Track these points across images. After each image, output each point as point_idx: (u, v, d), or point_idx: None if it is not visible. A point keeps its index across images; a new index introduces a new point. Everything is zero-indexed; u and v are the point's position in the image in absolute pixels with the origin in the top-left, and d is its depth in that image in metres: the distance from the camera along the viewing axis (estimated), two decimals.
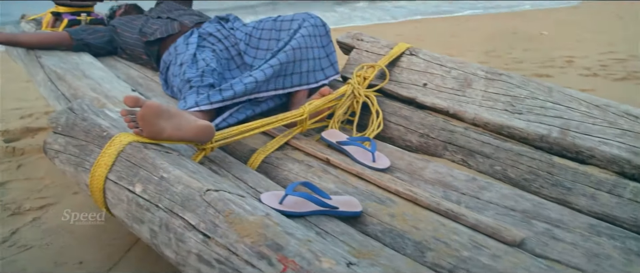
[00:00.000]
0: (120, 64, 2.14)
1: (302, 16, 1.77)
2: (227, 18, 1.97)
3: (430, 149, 1.61)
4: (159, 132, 1.12)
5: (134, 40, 2.08)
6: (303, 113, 1.48)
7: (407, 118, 1.69)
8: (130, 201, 1.05)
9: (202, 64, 1.64)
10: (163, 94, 1.84)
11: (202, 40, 1.84)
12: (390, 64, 1.83)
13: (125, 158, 1.10)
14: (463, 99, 1.65)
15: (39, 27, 2.52)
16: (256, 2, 10.35)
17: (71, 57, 2.01)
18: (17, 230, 1.73)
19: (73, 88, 1.73)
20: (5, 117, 3.11)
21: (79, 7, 2.43)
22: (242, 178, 1.25)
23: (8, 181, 2.14)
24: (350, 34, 2.01)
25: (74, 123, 1.26)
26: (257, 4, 10.40)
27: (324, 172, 1.36)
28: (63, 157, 1.25)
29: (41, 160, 2.36)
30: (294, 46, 1.64)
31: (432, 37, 6.11)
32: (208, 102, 1.44)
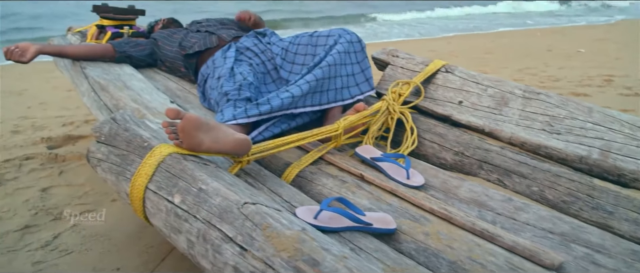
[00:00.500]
0: (160, 76, 2.20)
1: (338, 32, 1.79)
2: (264, 33, 2.01)
3: (465, 168, 1.59)
4: (198, 144, 1.14)
5: (174, 53, 2.13)
6: (338, 128, 1.49)
7: (442, 136, 1.68)
8: (168, 211, 1.07)
9: (239, 77, 1.68)
10: (200, 106, 1.88)
11: (239, 54, 1.87)
12: (426, 81, 1.83)
13: (165, 168, 1.12)
14: (499, 117, 1.63)
15: (84, 39, 2.62)
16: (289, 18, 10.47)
17: (113, 68, 2.08)
18: (58, 235, 1.79)
19: (115, 99, 1.78)
20: (48, 124, 3.23)
21: (122, 20, 2.52)
22: (277, 192, 1.26)
23: (50, 186, 2.22)
24: (385, 50, 2.02)
25: (116, 133, 1.29)
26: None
27: (357, 188, 1.36)
28: (105, 166, 1.29)
29: (82, 167, 2.44)
30: (330, 62, 1.66)
31: (465, 53, 6.06)
32: (245, 115, 1.47)
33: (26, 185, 2.24)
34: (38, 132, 3.07)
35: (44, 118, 3.43)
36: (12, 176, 2.35)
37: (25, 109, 3.73)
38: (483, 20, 10.32)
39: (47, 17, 10.26)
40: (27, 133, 3.05)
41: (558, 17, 11.26)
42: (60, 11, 10.76)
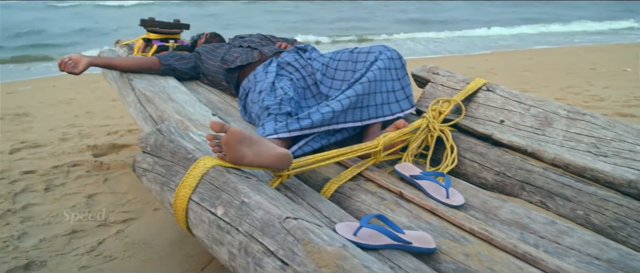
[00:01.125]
0: (202, 89, 2.26)
1: (378, 49, 1.80)
2: (305, 48, 2.04)
3: (506, 189, 1.56)
4: (240, 157, 1.17)
5: (216, 67, 2.19)
6: (377, 145, 1.49)
7: (483, 155, 1.65)
8: (211, 222, 1.09)
9: (280, 92, 1.70)
10: (241, 119, 1.92)
11: (280, 69, 1.91)
12: (466, 99, 1.81)
13: (209, 180, 1.15)
14: (542, 138, 1.60)
15: (130, 51, 2.72)
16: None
17: (159, 80, 2.15)
18: (103, 241, 1.85)
19: (160, 110, 1.84)
20: (94, 133, 3.36)
21: (167, 34, 2.60)
22: (317, 207, 1.27)
23: (96, 193, 2.30)
24: (425, 67, 2.02)
25: (161, 144, 1.33)
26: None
27: (397, 205, 1.35)
28: (150, 176, 1.33)
29: (125, 176, 2.52)
30: (371, 78, 1.67)
31: (504, 71, 5.95)
32: (286, 130, 1.49)
33: (73, 191, 2.33)
34: (84, 140, 3.19)
35: (90, 127, 3.56)
36: (60, 182, 2.45)
37: (73, 118, 3.89)
38: (522, 39, 10.12)
39: (89, 32, 10.70)
40: (74, 141, 3.18)
41: (602, 35, 10.95)
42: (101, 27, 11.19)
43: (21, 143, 3.15)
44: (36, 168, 2.66)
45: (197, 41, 2.62)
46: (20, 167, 2.68)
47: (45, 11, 13.58)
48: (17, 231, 1.93)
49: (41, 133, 3.42)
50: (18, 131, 3.51)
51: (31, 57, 7.95)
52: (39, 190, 2.35)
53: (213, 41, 2.56)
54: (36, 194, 2.31)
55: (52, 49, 8.45)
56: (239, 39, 2.34)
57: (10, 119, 3.87)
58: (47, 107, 4.34)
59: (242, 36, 2.38)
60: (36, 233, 1.93)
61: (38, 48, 8.45)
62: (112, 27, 10.44)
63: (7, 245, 1.83)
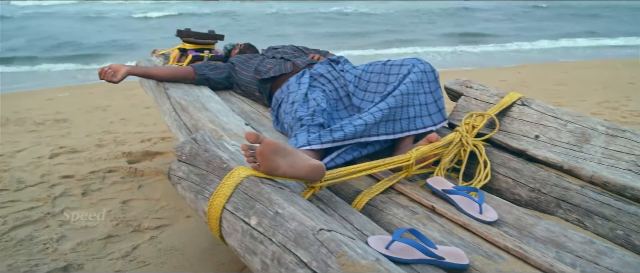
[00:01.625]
0: (235, 99, 2.30)
1: (411, 62, 1.80)
2: (338, 60, 2.05)
3: (541, 206, 1.53)
4: (275, 168, 1.18)
5: (249, 78, 2.23)
6: (409, 158, 1.48)
7: (517, 171, 1.63)
8: (244, 232, 1.11)
9: (312, 103, 1.72)
10: (273, 129, 1.94)
11: (313, 80, 1.93)
12: (500, 113, 1.79)
13: (243, 190, 1.17)
14: (580, 154, 1.56)
15: (166, 61, 2.78)
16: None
17: (193, 90, 2.19)
18: (137, 246, 1.89)
19: (194, 119, 1.88)
20: (128, 140, 3.45)
21: (202, 44, 2.66)
22: (348, 219, 1.27)
23: (130, 199, 2.36)
24: (458, 81, 2.00)
25: (196, 153, 1.36)
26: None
27: (428, 220, 1.35)
28: (185, 184, 1.35)
29: (158, 182, 2.57)
30: (403, 91, 1.67)
31: (537, 84, 5.84)
32: (319, 141, 1.50)
33: (109, 196, 2.39)
34: (119, 146, 3.27)
35: (125, 134, 3.65)
36: (96, 187, 2.52)
37: (108, 124, 4.00)
38: (554, 53, 9.92)
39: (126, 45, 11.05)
40: (110, 147, 3.27)
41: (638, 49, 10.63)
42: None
43: (60, 148, 3.25)
44: (74, 173, 2.74)
45: (231, 51, 2.67)
46: (59, 171, 2.77)
47: (77, 22, 14.13)
48: (56, 234, 2.00)
49: (78, 139, 3.53)
50: (57, 136, 3.63)
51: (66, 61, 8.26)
52: (77, 194, 2.43)
53: (247, 51, 2.60)
54: (74, 198, 2.39)
55: (88, 58, 8.77)
56: (272, 50, 2.38)
57: (50, 125, 4.01)
58: (84, 113, 4.47)
59: (276, 47, 2.42)
60: (74, 236, 2.00)
61: (73, 58, 8.78)
62: (136, 39, 10.76)
63: (47, 247, 1.90)
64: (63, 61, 8.52)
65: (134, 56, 8.56)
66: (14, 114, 4.42)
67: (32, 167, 2.89)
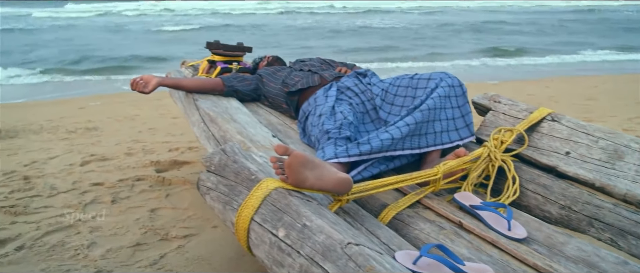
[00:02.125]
0: (262, 110, 2.33)
1: (439, 76, 1.80)
2: (365, 73, 2.06)
3: (572, 224, 1.50)
4: (302, 180, 1.19)
5: (277, 90, 2.25)
6: (437, 172, 1.48)
7: (547, 187, 1.60)
8: (272, 244, 1.12)
9: (340, 116, 1.73)
10: (300, 141, 1.95)
11: (340, 93, 1.94)
12: (529, 128, 1.77)
13: (271, 202, 1.18)
14: (612, 172, 1.53)
15: (195, 72, 2.84)
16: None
17: (222, 101, 2.23)
18: (164, 255, 1.93)
19: (222, 130, 1.91)
20: (156, 149, 3.51)
21: (231, 56, 2.70)
22: (375, 233, 1.27)
23: (158, 208, 2.40)
24: (486, 95, 1.99)
25: (225, 164, 1.38)
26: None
27: (456, 235, 1.33)
28: (213, 194, 1.37)
29: (185, 192, 2.61)
30: (430, 106, 1.67)
31: (566, 99, 5.73)
32: (346, 155, 1.51)
33: (137, 205, 2.44)
34: (148, 155, 3.34)
35: (153, 143, 3.73)
36: (125, 195, 2.57)
37: (137, 133, 4.09)
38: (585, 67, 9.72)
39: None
40: (138, 156, 3.34)
41: None
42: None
43: (91, 156, 3.34)
44: (104, 181, 2.81)
45: (259, 63, 2.71)
46: (90, 179, 2.84)
47: (102, 34, 14.63)
48: (86, 240, 2.05)
49: (108, 147, 3.62)
50: (88, 144, 3.73)
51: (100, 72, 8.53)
52: (106, 202, 2.48)
53: (275, 64, 2.64)
54: (104, 205, 2.44)
55: (116, 68, 9.07)
56: (300, 63, 2.40)
57: (82, 133, 4.12)
58: (114, 122, 4.58)
59: (303, 60, 2.44)
60: (103, 243, 2.04)
61: (102, 69, 9.08)
62: (160, 51, 11.07)
63: (78, 253, 1.94)
64: (92, 71, 8.80)
65: (159, 68, 8.81)
66: (48, 122, 4.56)
67: (64, 174, 2.97)
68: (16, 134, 4.10)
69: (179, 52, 10.45)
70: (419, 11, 23.46)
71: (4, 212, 2.37)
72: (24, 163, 3.22)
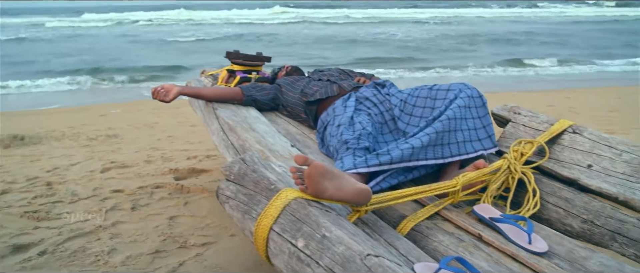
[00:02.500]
0: (281, 120, 2.34)
1: (458, 86, 1.79)
2: (384, 84, 2.07)
3: (594, 238, 1.48)
4: (322, 191, 1.20)
5: (296, 99, 2.27)
6: (456, 184, 1.47)
7: (568, 201, 1.58)
8: (291, 254, 1.12)
9: (358, 127, 1.73)
10: (319, 151, 1.96)
11: (359, 103, 1.94)
12: (550, 141, 1.75)
13: (290, 212, 1.18)
14: (637, 186, 1.50)
15: (215, 81, 2.87)
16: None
17: (241, 110, 2.25)
18: (183, 263, 1.94)
19: (241, 139, 1.92)
20: (175, 157, 3.55)
21: (250, 66, 2.73)
22: (394, 244, 1.27)
23: (177, 215, 2.42)
24: (506, 106, 1.98)
25: (245, 173, 1.39)
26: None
27: (475, 248, 1.32)
28: (233, 203, 1.38)
29: (204, 200, 2.63)
30: (450, 116, 1.66)
31: (587, 110, 5.65)
32: (365, 165, 1.51)
33: (156, 212, 2.47)
34: (166, 163, 3.38)
35: (172, 151, 3.77)
36: (145, 203, 2.60)
37: (156, 141, 4.14)
38: (605, 76, 9.58)
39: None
40: (157, 163, 3.38)
41: None
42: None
43: (111, 163, 3.39)
44: (124, 188, 2.85)
45: (277, 73, 2.73)
46: (110, 186, 2.89)
47: (119, 43, 15.03)
48: (107, 246, 2.08)
49: (128, 154, 3.67)
50: (108, 151, 3.79)
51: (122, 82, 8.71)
52: (126, 209, 2.52)
53: (293, 73, 2.66)
54: (124, 212, 2.48)
55: (135, 75, 9.30)
56: (319, 73, 2.41)
57: (102, 140, 4.19)
58: (134, 130, 4.65)
59: (322, 70, 2.45)
60: (124, 249, 2.07)
61: (121, 76, 9.29)
62: (177, 60, 11.30)
63: (99, 259, 1.97)
64: (111, 79, 8.99)
65: (175, 77, 8.97)
66: (69, 128, 4.65)
67: (85, 180, 3.02)
68: (39, 141, 4.19)
69: (195, 61, 10.62)
70: (435, 21, 23.41)
71: (27, 217, 2.42)
72: (47, 169, 3.29)
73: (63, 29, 19.69)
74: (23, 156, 3.73)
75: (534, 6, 32.55)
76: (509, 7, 32.04)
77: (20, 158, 3.64)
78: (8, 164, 3.45)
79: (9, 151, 3.93)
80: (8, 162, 3.53)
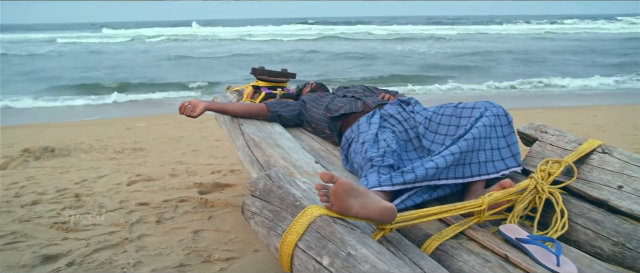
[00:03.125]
0: (305, 136, 2.36)
1: (484, 105, 1.78)
2: (408, 101, 2.07)
3: (626, 262, 1.44)
4: (347, 208, 1.20)
5: (320, 115, 2.28)
6: (482, 203, 1.45)
7: (598, 222, 1.55)
8: (316, 271, 1.12)
9: (383, 144, 1.74)
10: (342, 168, 1.96)
11: (383, 121, 1.95)
12: (579, 160, 1.72)
13: (315, 229, 1.19)
14: None
15: (240, 97, 2.91)
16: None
17: (266, 126, 2.27)
18: None
19: (266, 155, 1.94)
20: (199, 171, 3.60)
21: (275, 82, 2.77)
22: (419, 264, 1.26)
23: (201, 230, 2.45)
24: (533, 125, 1.96)
25: (270, 189, 1.40)
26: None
27: (502, 269, 1.30)
28: (258, 219, 1.39)
29: (228, 214, 2.66)
30: (475, 135, 1.65)
31: (615, 129, 5.52)
32: (390, 183, 1.51)
33: (181, 226, 2.50)
34: (191, 177, 3.42)
35: (196, 165, 3.82)
36: (169, 216, 2.64)
37: (181, 155, 4.20)
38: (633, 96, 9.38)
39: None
40: (182, 177, 3.42)
41: None
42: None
43: (137, 176, 3.45)
44: (149, 201, 2.89)
45: (302, 89, 2.75)
46: (136, 199, 2.94)
47: (138, 58, 15.54)
48: (132, 259, 2.11)
49: (153, 168, 3.73)
50: (134, 164, 3.86)
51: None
52: (152, 222, 2.55)
53: (318, 90, 2.68)
54: (149, 225, 2.52)
55: (159, 89, 9.55)
56: (343, 89, 2.43)
57: (129, 153, 4.27)
58: (159, 143, 4.73)
59: (346, 86, 2.47)
60: (149, 262, 2.10)
61: (147, 90, 9.55)
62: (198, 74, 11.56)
63: (125, 271, 2.00)
64: (138, 91, 9.23)
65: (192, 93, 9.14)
66: (97, 141, 4.75)
67: (112, 193, 3.08)
68: (68, 153, 4.29)
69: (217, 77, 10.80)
70: (456, 38, 23.33)
71: (56, 228, 2.48)
72: (75, 180, 3.37)
73: (87, 44, 20.34)
74: (53, 167, 3.83)
75: (557, 22, 32.17)
76: (532, 22, 31.75)
77: (50, 170, 3.74)
78: (39, 176, 3.54)
79: (39, 162, 4.04)
80: (39, 173, 3.63)
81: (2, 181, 3.38)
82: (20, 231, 2.43)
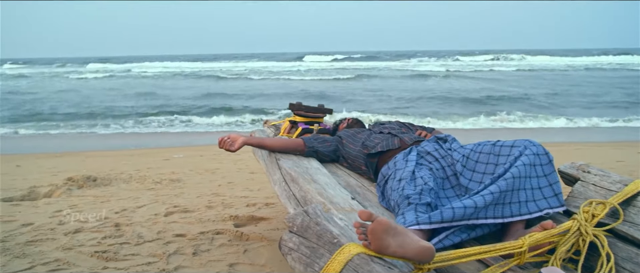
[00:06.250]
0: (341, 172, 2.37)
1: (523, 143, 1.76)
2: (446, 138, 2.06)
3: None
4: (385, 247, 1.20)
5: (357, 151, 2.30)
6: (522, 245, 1.42)
7: None
8: None
9: (420, 181, 1.73)
10: (378, 204, 1.96)
11: (420, 158, 1.95)
12: (625, 202, 1.67)
13: (353, 267, 1.19)
14: None
15: (277, 132, 2.97)
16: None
17: (303, 161, 2.30)
18: None
19: (303, 191, 1.96)
20: (234, 203, 3.64)
21: (312, 118, 2.81)
22: None
23: (236, 263, 2.47)
24: (574, 164, 1.91)
25: (308, 226, 1.41)
26: None
27: None
28: (295, 255, 1.40)
29: (263, 248, 2.67)
30: (515, 174, 1.63)
31: None
32: (428, 222, 1.50)
33: (217, 258, 2.52)
34: (227, 209, 3.47)
35: (231, 197, 3.87)
36: (206, 248, 2.67)
37: (216, 187, 4.27)
38: None
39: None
40: (218, 209, 3.47)
41: None
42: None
43: (174, 207, 3.52)
44: (186, 232, 2.94)
45: (339, 125, 2.79)
46: (173, 230, 2.99)
47: (168, 85, 16.29)
48: None
49: (190, 199, 3.80)
50: (172, 195, 3.94)
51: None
52: (188, 254, 2.59)
53: (354, 126, 2.71)
54: (186, 257, 2.55)
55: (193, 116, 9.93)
56: (380, 126, 2.45)
57: (166, 184, 4.37)
58: (196, 175, 4.82)
59: (382, 123, 2.49)
60: None
61: (183, 119, 9.91)
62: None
63: None
64: (172, 123, 9.56)
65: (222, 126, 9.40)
66: (136, 171, 4.89)
67: (150, 223, 3.15)
68: (109, 182, 4.43)
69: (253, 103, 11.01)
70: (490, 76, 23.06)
71: (97, 257, 2.54)
72: (115, 210, 3.46)
73: (122, 76, 21.33)
74: (95, 196, 3.95)
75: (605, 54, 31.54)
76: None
77: (92, 199, 3.87)
78: (81, 204, 3.66)
79: (82, 191, 4.18)
80: (82, 202, 3.75)
81: (47, 209, 3.51)
82: (64, 259, 2.50)
